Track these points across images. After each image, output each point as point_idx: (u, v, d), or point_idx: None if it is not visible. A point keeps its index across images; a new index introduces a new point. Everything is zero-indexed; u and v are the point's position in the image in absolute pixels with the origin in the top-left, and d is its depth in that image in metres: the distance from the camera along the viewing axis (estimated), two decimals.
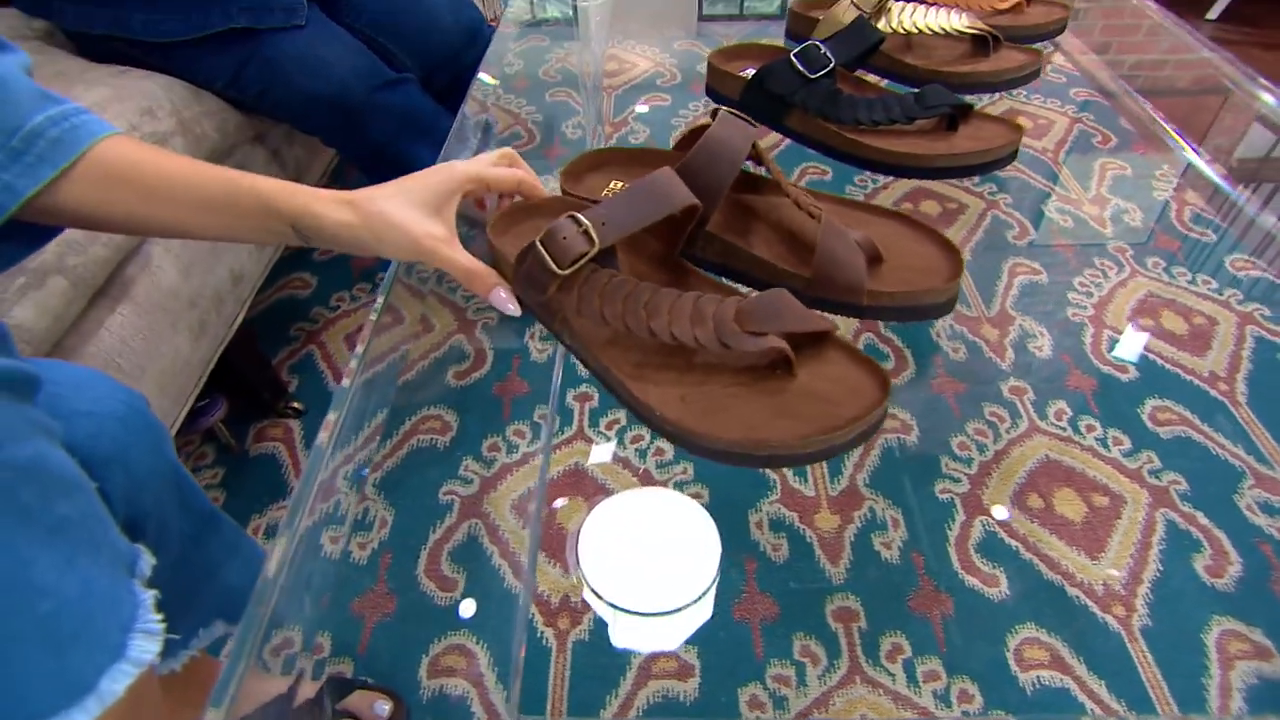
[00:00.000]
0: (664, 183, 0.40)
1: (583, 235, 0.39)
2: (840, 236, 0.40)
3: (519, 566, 0.72)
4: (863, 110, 0.50)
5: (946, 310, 0.41)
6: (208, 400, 0.86)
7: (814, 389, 0.37)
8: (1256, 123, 0.93)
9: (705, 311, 0.38)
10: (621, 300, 0.39)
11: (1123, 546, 0.66)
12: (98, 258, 0.59)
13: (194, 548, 0.51)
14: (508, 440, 0.80)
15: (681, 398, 0.38)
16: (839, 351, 0.39)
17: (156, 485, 0.46)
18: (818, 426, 0.35)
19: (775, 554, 0.70)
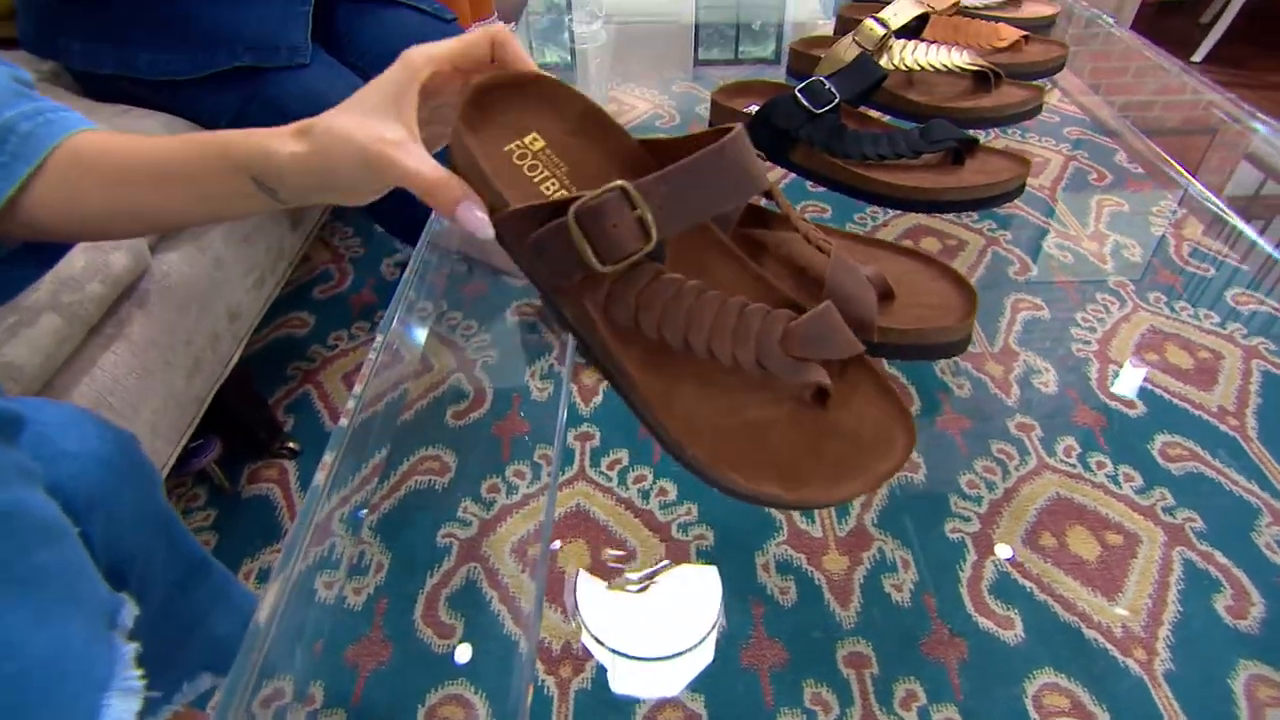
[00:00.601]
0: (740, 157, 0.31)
1: (638, 224, 0.31)
2: (851, 271, 0.39)
3: (519, 612, 0.70)
4: (868, 145, 0.50)
5: (959, 350, 0.41)
6: (201, 441, 0.84)
7: (844, 426, 0.34)
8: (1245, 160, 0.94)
9: (750, 327, 0.33)
10: (661, 306, 0.33)
11: (1140, 586, 0.65)
12: (94, 295, 0.59)
13: (180, 595, 0.48)
14: (507, 481, 0.79)
15: (714, 429, 0.34)
16: (866, 377, 0.36)
17: (143, 530, 0.44)
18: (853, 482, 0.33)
19: (783, 597, 0.68)
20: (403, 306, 0.52)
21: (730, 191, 0.32)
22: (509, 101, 0.38)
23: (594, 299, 0.34)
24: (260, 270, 0.86)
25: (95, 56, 0.82)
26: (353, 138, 0.33)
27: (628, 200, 0.31)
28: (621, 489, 0.77)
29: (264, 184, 0.36)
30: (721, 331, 0.33)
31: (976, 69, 0.62)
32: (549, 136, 0.38)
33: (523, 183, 0.37)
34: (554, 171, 0.37)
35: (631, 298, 0.33)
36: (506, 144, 0.38)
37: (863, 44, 0.56)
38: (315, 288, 1.21)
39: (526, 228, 0.32)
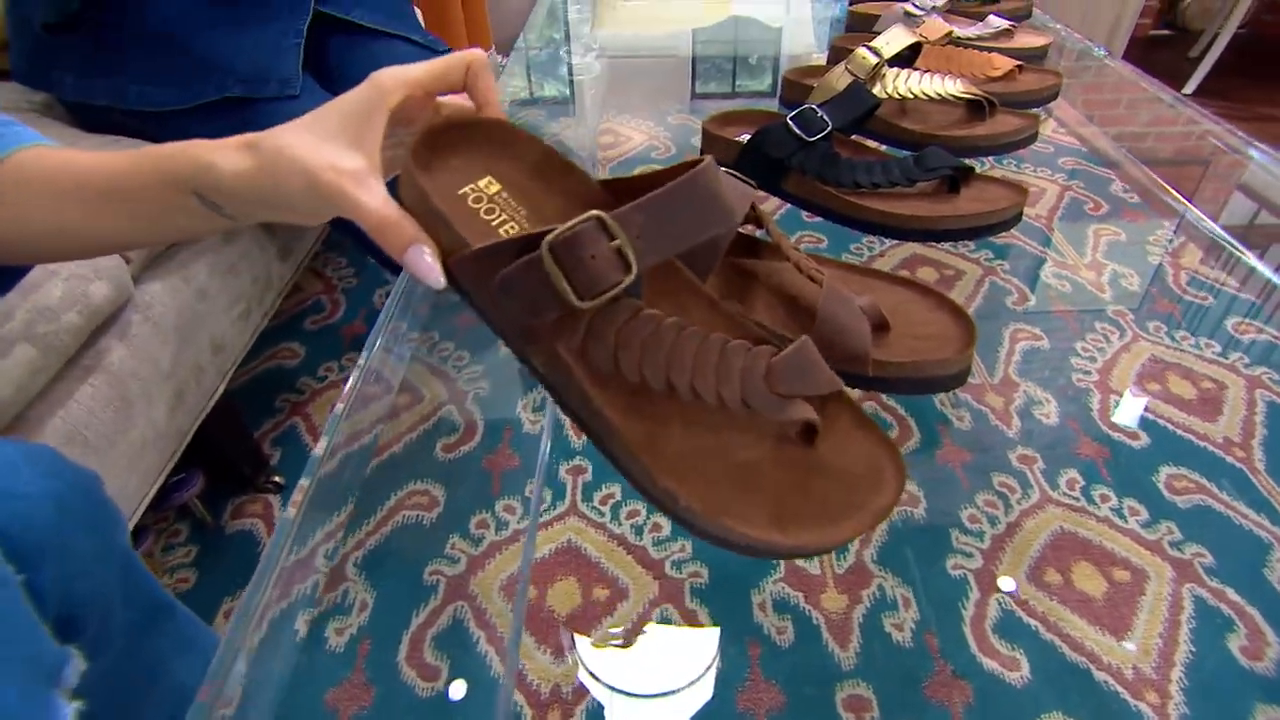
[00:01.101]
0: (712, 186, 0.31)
1: (616, 256, 0.29)
2: (844, 302, 0.38)
3: (506, 653, 0.67)
4: (862, 173, 0.50)
5: (958, 383, 0.39)
6: (183, 475, 0.82)
7: (833, 464, 0.33)
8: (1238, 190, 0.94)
9: (733, 365, 0.32)
10: (641, 344, 0.32)
11: (1150, 625, 0.62)
12: (71, 325, 0.57)
13: (142, 643, 0.46)
14: (497, 516, 0.77)
15: (703, 474, 0.33)
16: (846, 414, 0.35)
17: (98, 575, 0.42)
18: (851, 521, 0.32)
19: (780, 637, 0.66)
20: (385, 334, 0.51)
21: (705, 222, 0.31)
22: (462, 144, 0.37)
23: (569, 340, 0.32)
24: (246, 301, 0.85)
25: (87, 89, 0.82)
26: (304, 162, 0.31)
27: (604, 230, 0.29)
28: (614, 524, 0.75)
29: (207, 199, 0.34)
30: (704, 369, 0.32)
31: (971, 97, 0.61)
32: (505, 180, 0.37)
33: (479, 226, 0.35)
34: (512, 215, 0.36)
35: (611, 336, 0.32)
36: (460, 187, 0.36)
37: (855, 73, 0.56)
38: (307, 318, 1.20)
39: (491, 268, 0.31)
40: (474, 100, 0.38)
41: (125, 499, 0.61)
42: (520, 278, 0.30)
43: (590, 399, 0.33)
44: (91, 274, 0.60)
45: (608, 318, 0.32)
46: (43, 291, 0.56)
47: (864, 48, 0.59)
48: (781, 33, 1.36)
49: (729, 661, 0.62)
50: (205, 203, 0.34)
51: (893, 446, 0.34)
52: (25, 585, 0.35)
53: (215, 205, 0.34)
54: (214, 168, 0.32)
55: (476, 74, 0.36)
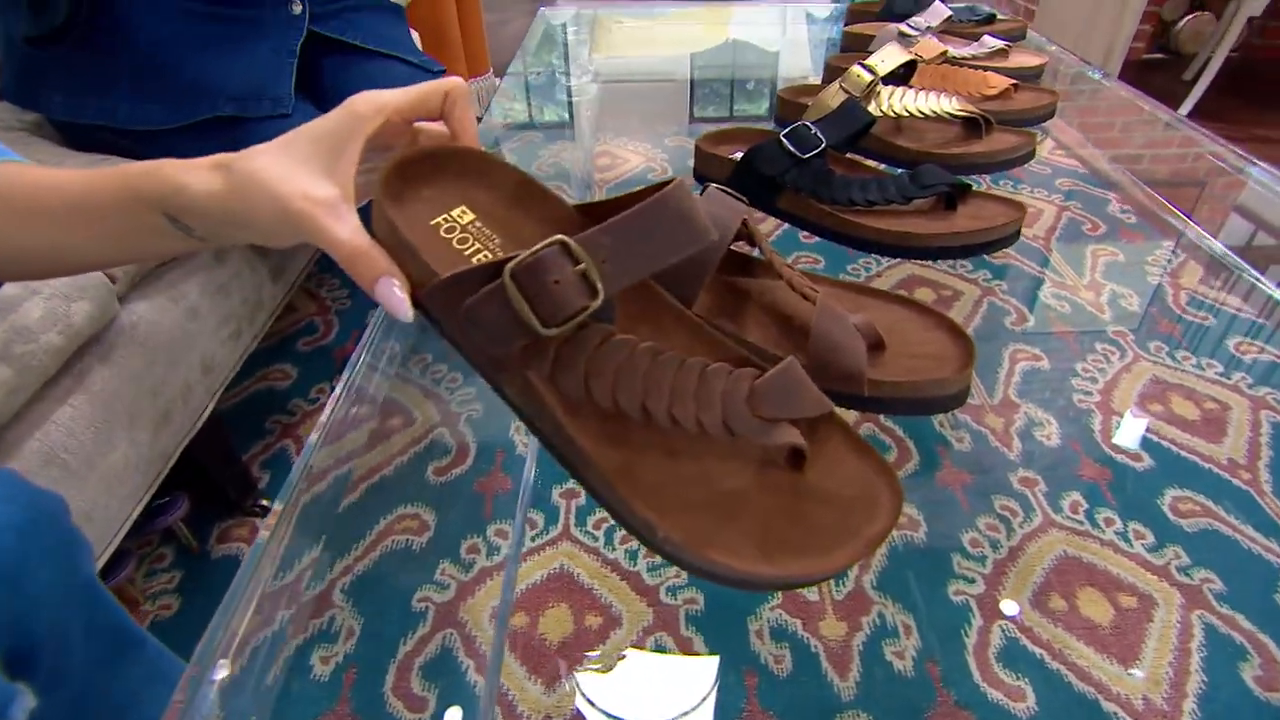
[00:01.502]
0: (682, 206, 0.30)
1: (581, 280, 0.28)
2: (838, 320, 0.36)
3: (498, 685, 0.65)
4: (857, 190, 0.49)
5: (957, 403, 0.38)
6: (168, 498, 0.81)
7: (824, 489, 0.32)
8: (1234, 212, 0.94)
9: (713, 389, 0.31)
10: (614, 371, 0.31)
11: (1159, 653, 0.61)
12: (50, 346, 0.56)
13: (105, 676, 0.44)
14: (488, 541, 0.75)
15: (684, 503, 0.31)
16: (838, 436, 0.34)
17: (58, 605, 0.40)
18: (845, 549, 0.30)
19: (778, 666, 0.64)
20: (368, 351, 0.49)
21: (676, 242, 0.30)
22: (435, 175, 0.36)
23: (538, 369, 0.31)
24: (237, 321, 0.84)
25: (77, 107, 0.81)
26: (275, 189, 0.30)
27: (569, 255, 0.29)
28: (608, 549, 0.74)
29: (178, 221, 0.33)
30: (683, 395, 0.31)
31: (967, 115, 0.61)
32: (479, 209, 0.36)
33: (452, 256, 0.34)
34: (486, 244, 0.35)
35: (580, 364, 0.31)
36: (433, 217, 0.35)
37: (850, 90, 0.56)
38: (299, 340, 1.19)
39: (458, 297, 0.30)
40: (450, 129, 0.37)
41: (105, 522, 0.60)
42: (485, 306, 0.29)
43: (563, 428, 0.31)
44: (74, 293, 0.59)
45: (577, 345, 0.31)
46: (22, 311, 0.55)
47: (859, 65, 0.59)
48: (778, 57, 1.37)
49: (725, 691, 0.60)
50: (176, 224, 0.33)
51: (889, 469, 0.33)
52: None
53: (186, 227, 0.33)
54: (185, 189, 0.32)
55: (454, 102, 0.35)
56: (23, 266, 0.36)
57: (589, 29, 1.42)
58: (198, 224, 0.33)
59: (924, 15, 0.88)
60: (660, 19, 1.50)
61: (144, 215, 0.33)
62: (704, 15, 1.53)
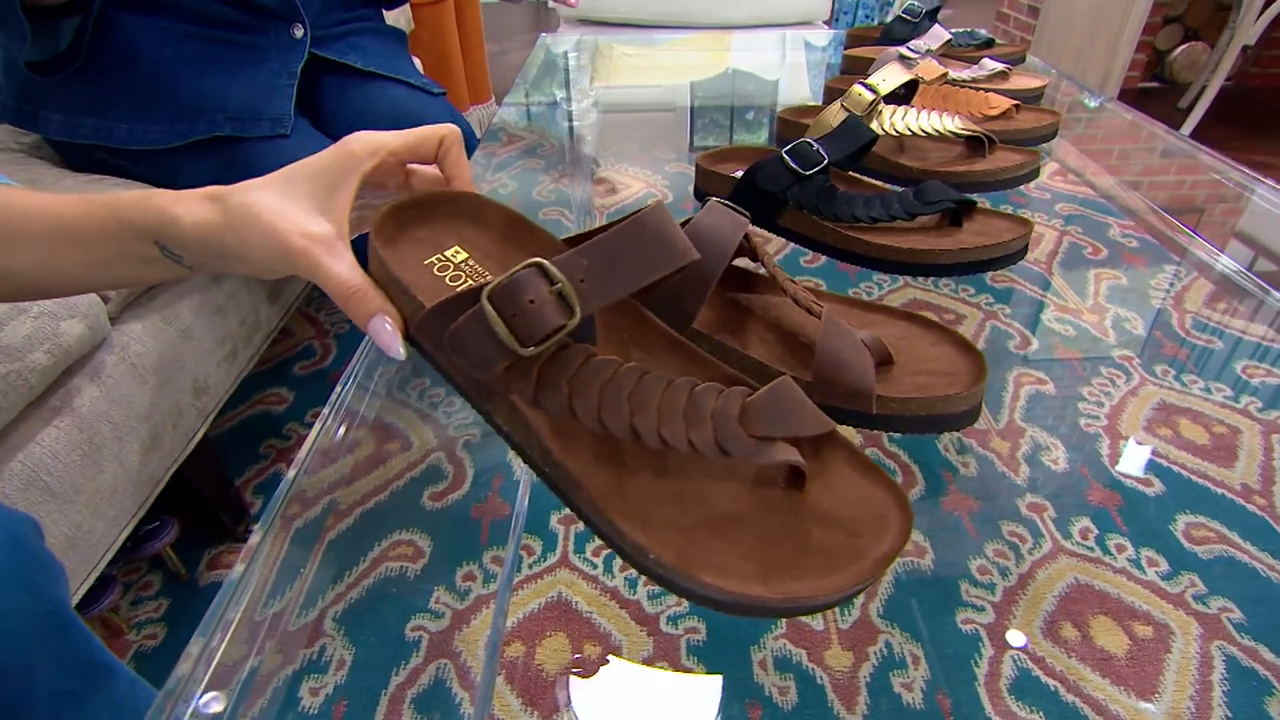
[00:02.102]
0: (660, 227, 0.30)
1: (557, 300, 0.29)
2: (844, 335, 0.35)
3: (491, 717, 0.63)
4: (860, 207, 0.48)
5: (968, 421, 0.37)
6: (157, 523, 0.79)
7: (827, 509, 0.31)
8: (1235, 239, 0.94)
9: (703, 408, 0.30)
10: (599, 391, 0.30)
11: (1179, 687, 0.59)
12: (37, 365, 0.55)
13: (74, 710, 0.42)
14: (484, 568, 0.73)
15: (675, 525, 0.30)
16: (841, 455, 0.33)
17: (25, 633, 0.38)
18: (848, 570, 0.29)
19: (782, 698, 0.62)
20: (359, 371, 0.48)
21: (652, 263, 0.30)
22: (429, 218, 0.38)
23: (522, 391, 0.31)
24: (232, 343, 0.82)
25: (75, 127, 0.81)
26: (271, 224, 0.31)
27: (545, 276, 0.29)
28: (607, 577, 0.72)
29: (169, 250, 0.33)
30: (671, 414, 0.30)
31: (969, 134, 0.60)
32: (471, 247, 0.37)
33: (444, 292, 0.35)
34: (477, 280, 0.36)
35: (563, 384, 0.31)
36: (426, 257, 0.36)
37: (851, 109, 0.55)
38: (296, 363, 1.18)
39: (443, 326, 0.31)
40: (445, 173, 0.38)
41: (90, 547, 0.58)
42: (466, 331, 0.30)
43: (550, 452, 0.31)
44: (64, 312, 0.58)
45: (558, 365, 0.31)
46: (9, 329, 0.54)
47: (859, 84, 0.58)
48: (777, 85, 1.38)
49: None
50: (167, 253, 0.33)
51: (897, 489, 0.32)
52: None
53: (176, 256, 0.33)
54: (176, 221, 0.32)
55: (448, 148, 0.36)
56: (7, 288, 0.35)
57: (590, 56, 1.43)
58: (189, 254, 0.33)
59: (924, 39, 0.88)
60: (661, 46, 1.51)
61: (134, 244, 0.33)
62: (704, 42, 1.55)
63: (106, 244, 0.34)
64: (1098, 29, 2.36)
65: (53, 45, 0.77)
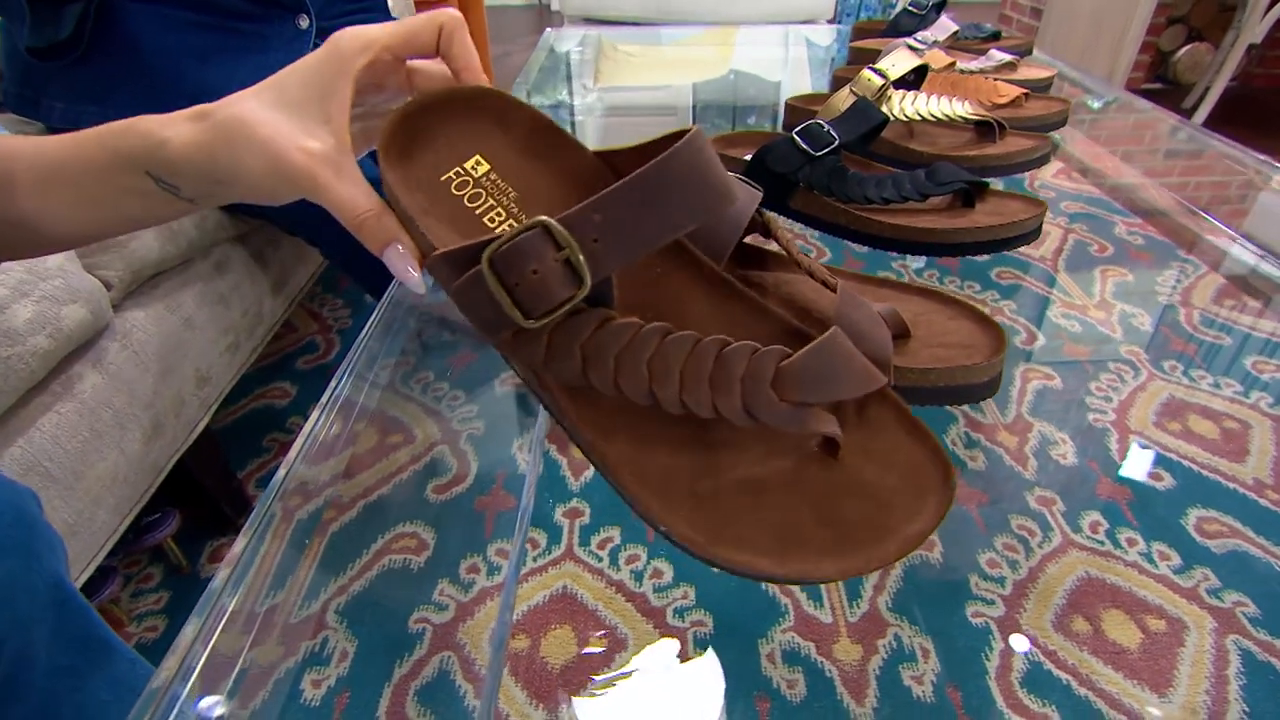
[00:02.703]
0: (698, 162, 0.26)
1: (564, 269, 0.26)
2: (860, 306, 0.34)
3: (499, 713, 0.63)
4: (872, 188, 0.47)
5: (989, 392, 0.36)
6: (159, 514, 0.78)
7: (861, 478, 0.29)
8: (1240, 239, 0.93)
9: (732, 372, 0.27)
10: (614, 358, 0.27)
11: (1194, 681, 0.58)
12: (38, 349, 0.54)
13: (71, 686, 0.41)
14: (489, 561, 0.73)
15: (694, 495, 0.29)
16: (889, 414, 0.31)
17: (22, 605, 0.37)
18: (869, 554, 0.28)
19: (791, 691, 0.61)
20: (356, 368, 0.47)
21: (688, 210, 0.26)
22: (446, 121, 0.33)
23: (531, 357, 0.28)
24: (236, 334, 0.82)
25: (77, 115, 0.81)
26: (266, 140, 0.28)
27: (551, 239, 0.26)
28: (613, 570, 0.71)
29: (162, 180, 0.30)
30: (695, 380, 0.28)
31: (980, 119, 0.60)
32: (494, 159, 0.33)
33: (464, 217, 0.32)
34: (499, 200, 0.33)
35: (575, 352, 0.28)
36: (444, 172, 0.33)
37: (860, 94, 0.55)
38: (299, 358, 1.17)
39: (450, 275, 0.28)
40: (451, 66, 0.33)
41: (91, 535, 0.58)
42: (468, 293, 0.27)
43: (564, 415, 0.29)
44: (66, 296, 0.57)
45: (569, 332, 0.28)
46: (9, 312, 0.53)
47: (869, 69, 0.58)
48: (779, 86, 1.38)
49: (737, 717, 0.57)
50: (161, 184, 0.30)
51: (942, 455, 0.30)
52: None
53: (172, 187, 0.30)
54: (165, 144, 0.29)
55: (451, 35, 0.31)
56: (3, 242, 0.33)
57: (594, 52, 1.43)
58: (184, 183, 0.30)
59: (931, 30, 0.88)
60: (665, 45, 1.51)
61: (125, 177, 0.31)
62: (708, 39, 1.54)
63: (96, 180, 0.31)
64: (1101, 30, 2.36)
65: (54, 32, 0.77)
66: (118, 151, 0.30)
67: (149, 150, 0.30)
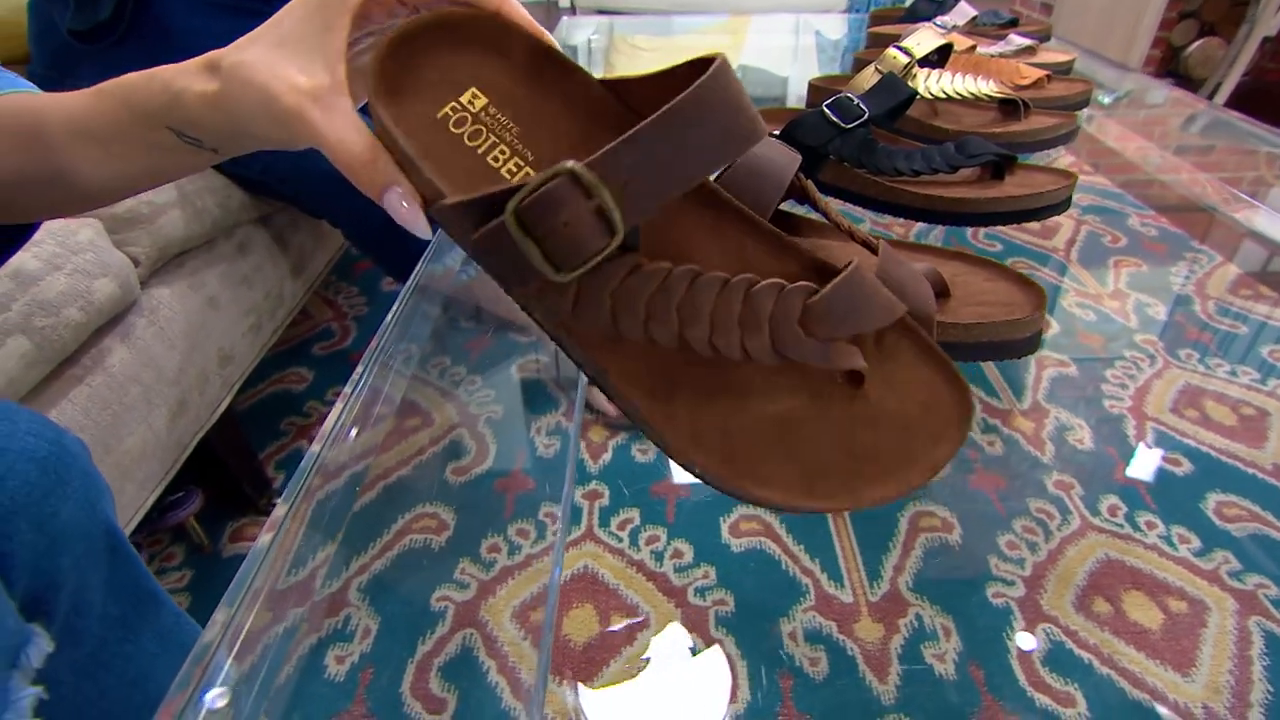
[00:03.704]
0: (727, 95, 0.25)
1: (597, 216, 0.24)
2: (902, 264, 0.34)
3: (519, 684, 0.63)
4: (901, 160, 0.47)
5: (1030, 349, 0.36)
6: (181, 493, 0.79)
7: (884, 408, 0.29)
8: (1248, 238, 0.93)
9: (760, 311, 0.27)
10: (644, 305, 0.27)
11: (1216, 660, 0.58)
12: (71, 321, 0.55)
13: (121, 637, 0.41)
14: (509, 540, 0.73)
15: (724, 432, 0.28)
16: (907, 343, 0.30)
17: (80, 549, 0.38)
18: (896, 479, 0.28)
19: (813, 669, 0.61)
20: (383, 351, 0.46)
21: (723, 144, 0.25)
22: (438, 50, 0.30)
23: (558, 306, 0.27)
24: (258, 314, 0.82)
25: None
26: (264, 84, 0.26)
27: (580, 186, 0.24)
28: (633, 550, 0.72)
29: (184, 134, 0.29)
30: (725, 322, 0.27)
31: (1004, 97, 0.60)
32: (492, 91, 0.31)
33: (465, 158, 0.30)
34: (502, 137, 0.30)
35: (605, 299, 0.27)
36: (440, 108, 0.30)
37: (885, 72, 0.55)
38: (315, 344, 1.18)
39: (466, 225, 0.26)
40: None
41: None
42: (492, 244, 0.25)
43: (592, 360, 0.28)
44: (97, 270, 0.58)
45: (599, 280, 0.26)
46: (44, 284, 0.54)
47: (894, 47, 0.58)
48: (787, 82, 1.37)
49: (760, 693, 0.57)
50: (183, 138, 0.30)
51: (961, 382, 0.29)
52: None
53: (194, 140, 0.30)
54: (180, 98, 0.28)
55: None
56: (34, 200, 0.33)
57: (607, 40, 1.43)
58: (204, 135, 0.29)
59: (950, 15, 0.88)
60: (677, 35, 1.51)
61: (148, 133, 0.30)
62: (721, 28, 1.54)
63: (121, 138, 0.30)
64: (1113, 24, 2.35)
65: (94, 13, 0.77)
66: (138, 108, 0.29)
67: (167, 106, 0.29)
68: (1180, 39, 2.46)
